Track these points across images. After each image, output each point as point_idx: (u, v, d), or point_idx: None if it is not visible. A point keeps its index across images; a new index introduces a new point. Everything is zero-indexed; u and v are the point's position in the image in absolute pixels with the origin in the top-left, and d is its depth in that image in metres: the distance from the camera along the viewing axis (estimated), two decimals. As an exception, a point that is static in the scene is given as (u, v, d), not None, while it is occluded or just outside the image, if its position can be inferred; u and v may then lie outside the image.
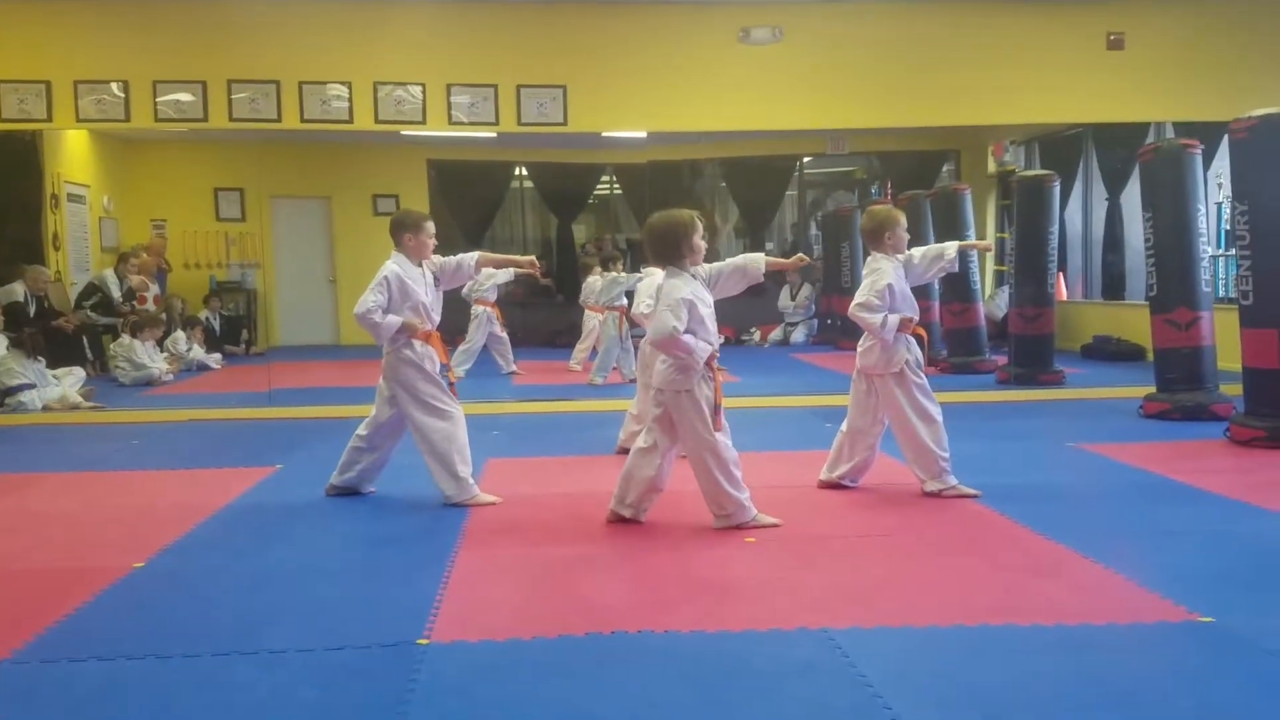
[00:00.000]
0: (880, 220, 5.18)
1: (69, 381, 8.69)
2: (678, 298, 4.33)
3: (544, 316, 13.98)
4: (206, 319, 12.42)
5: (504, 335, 10.49)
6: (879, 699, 2.71)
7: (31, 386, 8.34)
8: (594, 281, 10.05)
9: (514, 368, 10.49)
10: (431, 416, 4.96)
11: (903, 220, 5.22)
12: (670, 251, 4.47)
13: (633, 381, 9.40)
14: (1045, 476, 5.55)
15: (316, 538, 4.50)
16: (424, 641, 3.16)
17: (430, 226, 5.08)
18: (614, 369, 9.58)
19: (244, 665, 3.02)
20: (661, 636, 3.18)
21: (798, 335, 14.08)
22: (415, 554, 4.18)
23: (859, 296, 5.05)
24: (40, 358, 8.54)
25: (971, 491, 4.98)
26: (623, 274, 9.70)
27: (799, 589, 3.67)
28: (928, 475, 5.02)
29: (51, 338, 9.50)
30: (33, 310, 9.89)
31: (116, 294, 11.15)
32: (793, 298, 14.27)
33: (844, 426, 5.24)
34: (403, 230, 5.05)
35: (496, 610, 3.47)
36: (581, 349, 10.62)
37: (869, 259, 5.23)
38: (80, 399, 8.52)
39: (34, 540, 4.53)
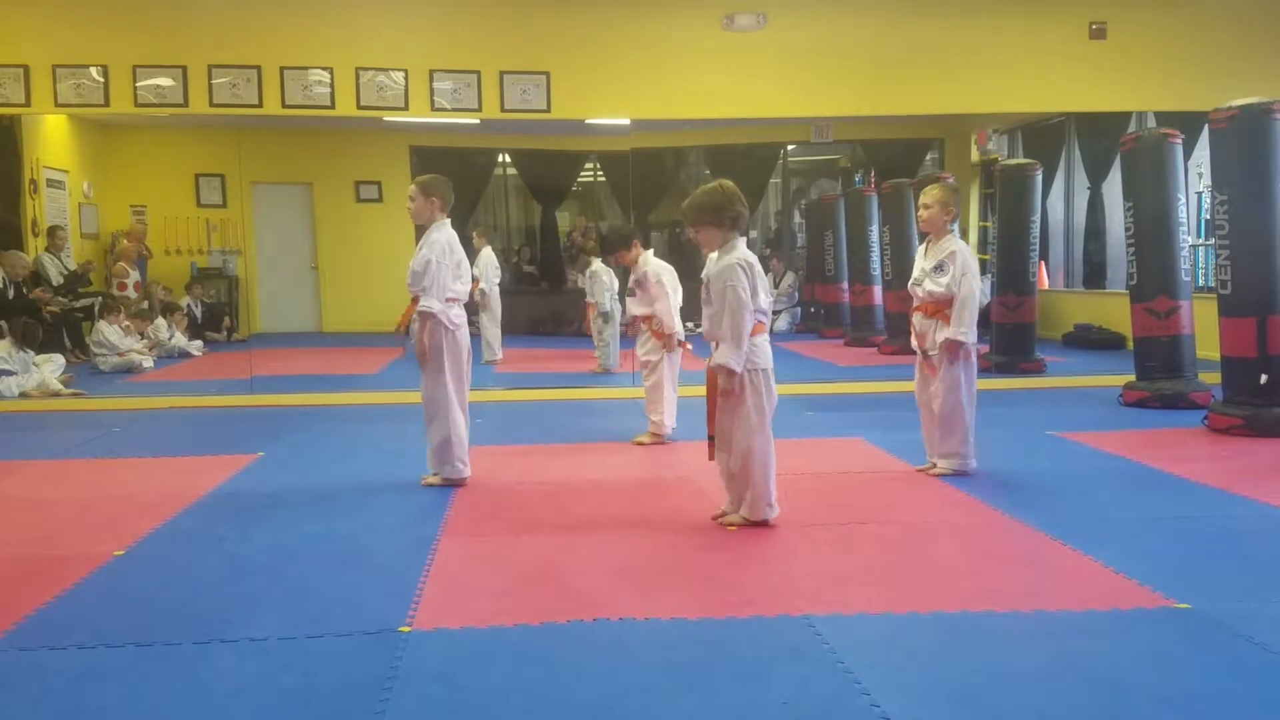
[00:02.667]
0: (954, 193, 5.20)
1: (49, 368, 8.63)
2: None
3: (527, 304, 13.96)
4: (188, 306, 12.35)
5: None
6: (858, 685, 2.73)
7: (12, 374, 8.28)
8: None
9: (498, 355, 10.51)
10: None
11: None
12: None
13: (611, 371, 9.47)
14: (1025, 464, 5.58)
15: (298, 525, 4.48)
16: (406, 629, 3.16)
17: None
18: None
19: (225, 653, 3.01)
20: (644, 624, 3.20)
21: (780, 323, 14.09)
22: (397, 541, 4.18)
23: (976, 282, 5.03)
24: (30, 349, 8.51)
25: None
26: (598, 265, 9.78)
27: (781, 576, 3.69)
28: (945, 456, 5.16)
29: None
30: (11, 295, 9.81)
31: (56, 274, 10.99)
32: (775, 286, 14.29)
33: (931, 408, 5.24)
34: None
35: (479, 597, 3.47)
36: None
37: (941, 240, 5.15)
38: (60, 386, 8.47)
39: (13, 528, 4.51)
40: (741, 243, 4.27)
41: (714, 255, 4.28)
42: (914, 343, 5.27)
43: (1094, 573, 3.67)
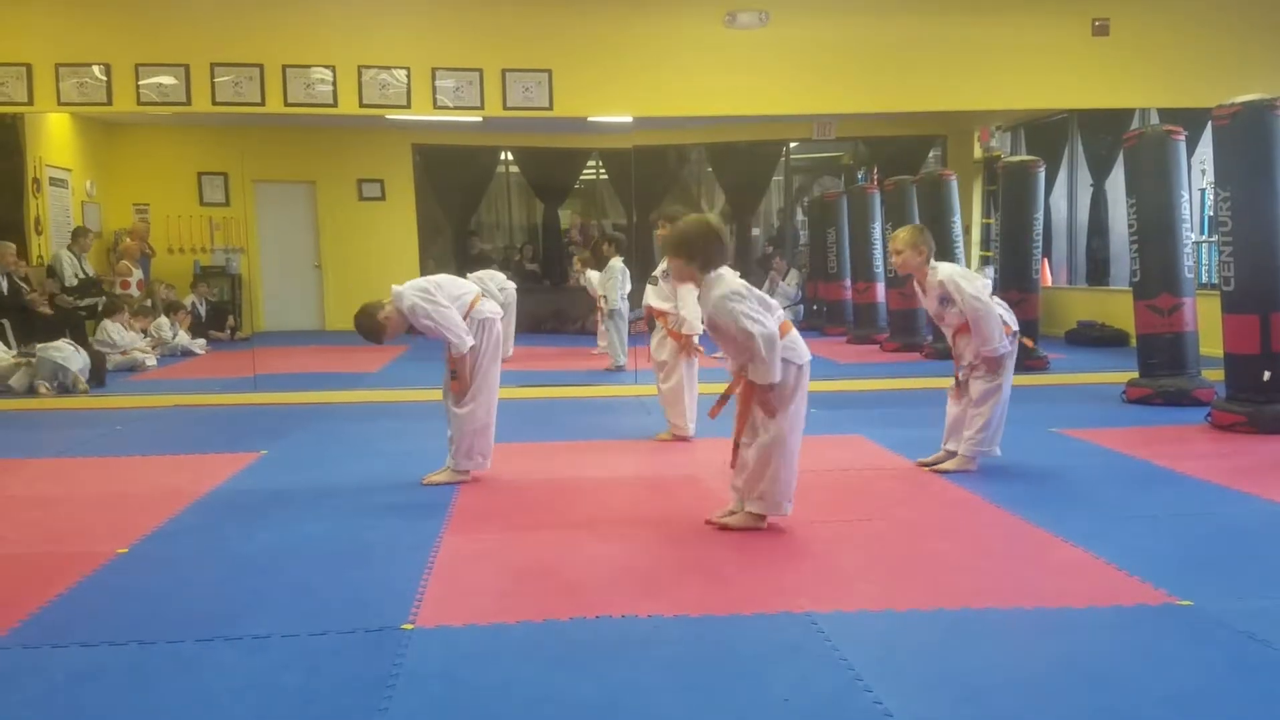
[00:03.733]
0: (921, 232, 5.24)
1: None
2: None
3: (529, 302, 13.96)
4: (193, 304, 12.37)
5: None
6: (860, 682, 2.73)
7: (80, 359, 8.53)
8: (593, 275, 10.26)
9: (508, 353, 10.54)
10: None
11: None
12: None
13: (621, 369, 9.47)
14: (1028, 461, 5.57)
15: (300, 523, 4.48)
16: (408, 626, 3.17)
17: None
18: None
19: (227, 650, 3.02)
20: (645, 621, 3.20)
21: (784, 321, 14.07)
22: (400, 539, 4.18)
23: (982, 296, 5.07)
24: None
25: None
26: (617, 263, 9.76)
27: (783, 574, 3.69)
28: (970, 441, 5.20)
29: (34, 320, 9.46)
30: (5, 287, 9.80)
31: (71, 274, 11.00)
32: (783, 279, 14.28)
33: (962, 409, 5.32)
34: None
35: (481, 595, 3.48)
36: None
37: (926, 279, 5.22)
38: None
39: (16, 526, 4.51)
40: (726, 273, 4.08)
41: (700, 293, 4.13)
42: (956, 369, 5.35)
43: (1096, 569, 3.67)
